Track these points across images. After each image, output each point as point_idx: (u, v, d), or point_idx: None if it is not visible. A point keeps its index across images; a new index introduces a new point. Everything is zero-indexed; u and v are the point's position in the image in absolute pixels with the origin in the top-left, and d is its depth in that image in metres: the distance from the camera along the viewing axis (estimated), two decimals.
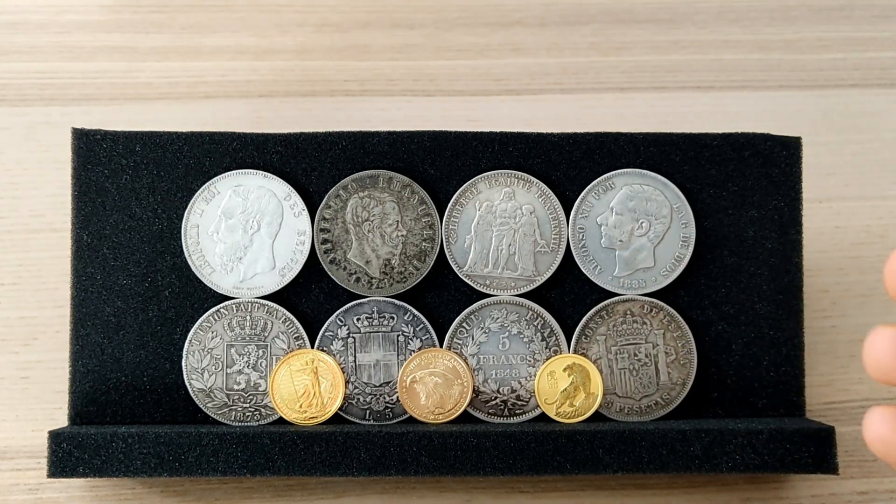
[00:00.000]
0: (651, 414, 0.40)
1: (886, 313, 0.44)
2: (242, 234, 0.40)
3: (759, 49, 0.48)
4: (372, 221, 0.40)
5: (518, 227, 0.40)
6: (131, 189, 0.40)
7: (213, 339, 0.40)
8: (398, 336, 0.40)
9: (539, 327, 0.40)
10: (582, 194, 0.40)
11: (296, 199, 0.40)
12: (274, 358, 0.40)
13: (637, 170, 0.40)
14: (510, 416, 0.40)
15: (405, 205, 0.40)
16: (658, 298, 0.40)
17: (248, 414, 0.39)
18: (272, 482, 0.41)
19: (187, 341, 0.39)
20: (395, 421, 0.40)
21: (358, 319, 0.40)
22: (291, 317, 0.40)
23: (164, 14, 0.47)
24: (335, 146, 0.40)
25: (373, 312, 0.40)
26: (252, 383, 0.40)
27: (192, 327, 0.40)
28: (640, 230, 0.40)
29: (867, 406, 0.42)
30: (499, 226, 0.40)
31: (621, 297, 0.40)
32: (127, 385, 0.39)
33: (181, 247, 0.40)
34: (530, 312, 0.40)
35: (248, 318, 0.40)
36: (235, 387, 0.40)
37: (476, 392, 0.40)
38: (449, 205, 0.40)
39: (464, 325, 0.40)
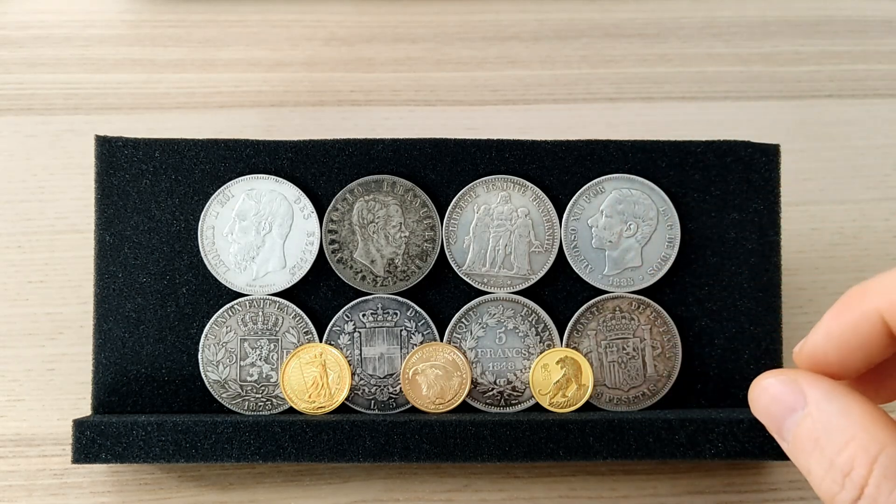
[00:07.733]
0: (638, 404, 0.40)
1: None
2: (255, 235, 0.40)
3: (739, 62, 0.48)
4: (377, 223, 0.40)
5: (514, 229, 0.40)
6: (151, 193, 0.40)
7: (227, 333, 0.39)
8: (401, 331, 0.40)
9: (533, 323, 0.40)
10: (574, 198, 0.40)
11: (305, 202, 0.40)
12: (284, 351, 0.39)
13: (625, 175, 0.40)
14: (506, 405, 0.40)
15: (408, 208, 0.40)
16: (645, 296, 0.40)
17: (260, 404, 0.39)
18: (283, 468, 0.40)
19: (203, 335, 0.39)
20: (398, 410, 0.40)
21: (363, 315, 0.40)
22: (301, 312, 0.40)
23: (182, 29, 0.47)
24: (342, 153, 0.40)
25: (377, 309, 0.40)
26: (264, 375, 0.39)
27: (207, 322, 0.39)
28: (629, 232, 0.40)
29: None
30: (496, 227, 0.40)
31: (610, 294, 0.40)
32: (146, 377, 0.39)
33: (198, 247, 0.40)
34: (525, 309, 0.40)
35: (260, 313, 0.40)
36: (248, 378, 0.39)
37: (474, 383, 0.40)
38: (449, 207, 0.40)
39: (463, 320, 0.40)
